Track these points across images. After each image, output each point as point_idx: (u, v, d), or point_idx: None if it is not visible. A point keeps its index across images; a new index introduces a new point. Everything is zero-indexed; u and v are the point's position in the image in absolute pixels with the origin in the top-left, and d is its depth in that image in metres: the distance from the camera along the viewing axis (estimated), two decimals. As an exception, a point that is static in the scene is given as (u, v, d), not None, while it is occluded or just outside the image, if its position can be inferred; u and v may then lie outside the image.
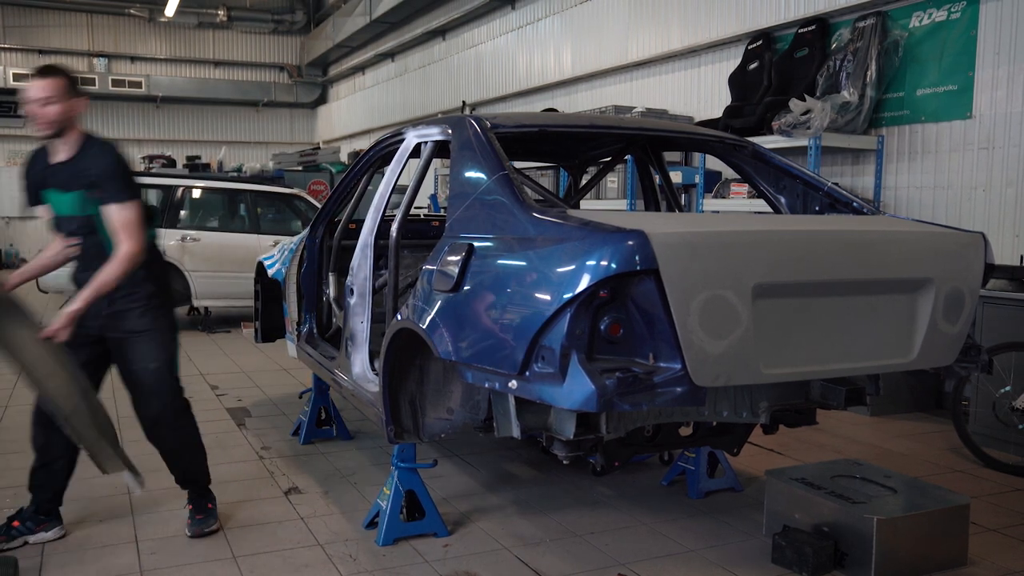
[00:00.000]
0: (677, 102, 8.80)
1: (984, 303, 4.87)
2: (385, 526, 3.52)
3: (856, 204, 3.58)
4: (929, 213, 6.20)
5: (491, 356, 2.68)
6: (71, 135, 3.28)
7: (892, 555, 3.22)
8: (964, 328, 3.07)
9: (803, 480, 3.56)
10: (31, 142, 15.44)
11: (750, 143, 3.98)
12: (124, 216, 3.22)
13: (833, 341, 2.81)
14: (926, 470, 4.63)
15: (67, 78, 3.25)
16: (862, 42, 6.46)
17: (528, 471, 4.55)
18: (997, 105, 5.79)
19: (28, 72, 3.30)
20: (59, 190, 3.29)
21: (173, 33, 20.55)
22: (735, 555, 3.48)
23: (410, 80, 16.11)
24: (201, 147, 19.90)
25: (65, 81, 3.24)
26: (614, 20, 9.88)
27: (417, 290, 3.12)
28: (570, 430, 2.71)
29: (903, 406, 5.93)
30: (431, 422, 3.33)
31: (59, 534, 3.58)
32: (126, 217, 3.22)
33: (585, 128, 4.01)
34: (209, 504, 3.66)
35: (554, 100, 11.17)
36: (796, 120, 6.30)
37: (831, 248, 2.78)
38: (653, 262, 2.39)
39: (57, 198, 3.30)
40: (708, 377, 2.51)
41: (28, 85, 3.19)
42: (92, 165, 3.24)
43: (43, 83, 3.18)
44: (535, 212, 2.77)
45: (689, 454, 4.18)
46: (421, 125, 3.75)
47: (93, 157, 3.27)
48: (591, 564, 3.38)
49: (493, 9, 12.80)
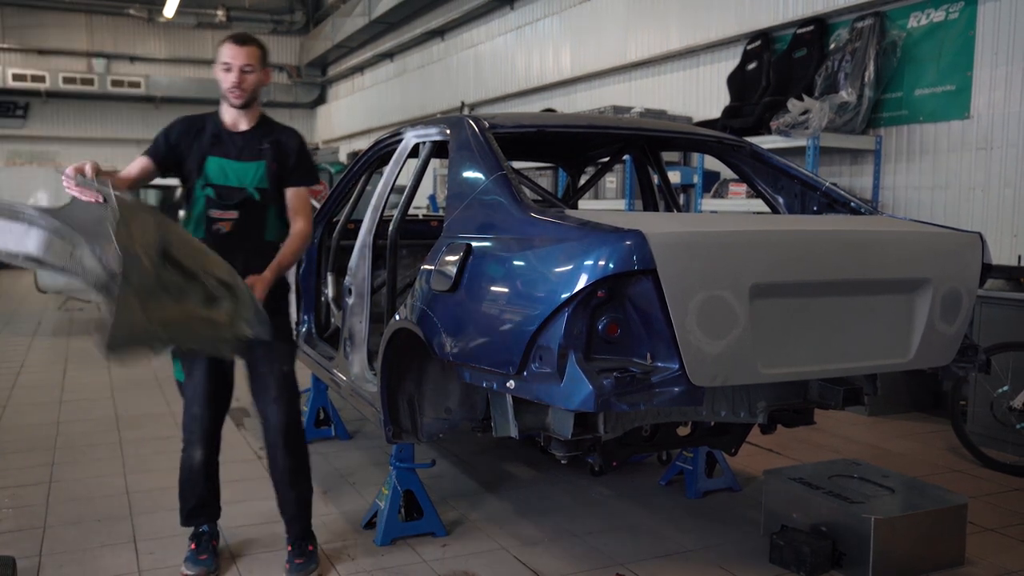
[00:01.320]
0: (676, 102, 8.81)
1: (982, 303, 4.88)
2: (383, 526, 3.53)
3: (854, 204, 3.59)
4: (927, 213, 6.20)
5: (489, 356, 2.69)
6: (254, 108, 3.24)
7: (890, 555, 3.22)
8: (962, 328, 3.07)
9: (801, 480, 3.56)
10: (30, 142, 15.38)
11: (748, 143, 3.98)
12: (304, 196, 3.23)
13: (831, 341, 2.81)
14: (924, 470, 4.64)
15: (263, 48, 3.21)
16: (860, 42, 6.47)
17: (526, 471, 4.56)
18: (995, 105, 5.80)
19: (226, 36, 3.21)
20: (233, 159, 3.18)
21: (172, 33, 20.55)
22: (733, 555, 3.49)
23: (409, 80, 16.11)
24: (200, 147, 19.89)
25: (262, 51, 3.20)
26: (613, 20, 9.88)
27: (415, 290, 3.13)
28: (568, 430, 2.72)
29: (901, 406, 5.93)
30: (429, 422, 3.34)
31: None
32: (305, 198, 3.24)
33: (583, 128, 4.01)
34: (311, 546, 3.30)
35: (553, 100, 11.17)
36: (794, 120, 6.31)
37: (829, 248, 2.79)
38: (651, 262, 2.39)
39: (229, 166, 3.17)
40: (706, 377, 2.51)
41: (233, 50, 3.12)
42: (285, 142, 3.23)
43: (247, 50, 3.13)
44: (533, 212, 2.77)
45: (687, 454, 4.19)
46: (420, 125, 3.76)
47: (284, 134, 3.26)
48: (589, 564, 3.39)
49: (492, 9, 12.80)
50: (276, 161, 3.20)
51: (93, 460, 4.69)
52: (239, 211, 3.17)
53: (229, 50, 3.14)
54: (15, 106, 19.47)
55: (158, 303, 2.56)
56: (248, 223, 3.19)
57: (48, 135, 19.81)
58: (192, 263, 2.71)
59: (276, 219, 3.24)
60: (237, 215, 3.17)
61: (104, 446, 4.95)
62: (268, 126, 3.28)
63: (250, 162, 3.18)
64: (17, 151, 19.72)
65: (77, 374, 6.98)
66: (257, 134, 3.22)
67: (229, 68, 3.13)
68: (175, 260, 2.65)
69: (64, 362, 7.45)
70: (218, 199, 3.17)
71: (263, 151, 3.19)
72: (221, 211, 3.17)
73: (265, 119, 3.29)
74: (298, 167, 3.24)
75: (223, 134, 3.21)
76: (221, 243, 3.10)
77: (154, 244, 2.61)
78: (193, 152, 3.19)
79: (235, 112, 3.21)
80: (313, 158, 3.37)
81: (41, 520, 3.78)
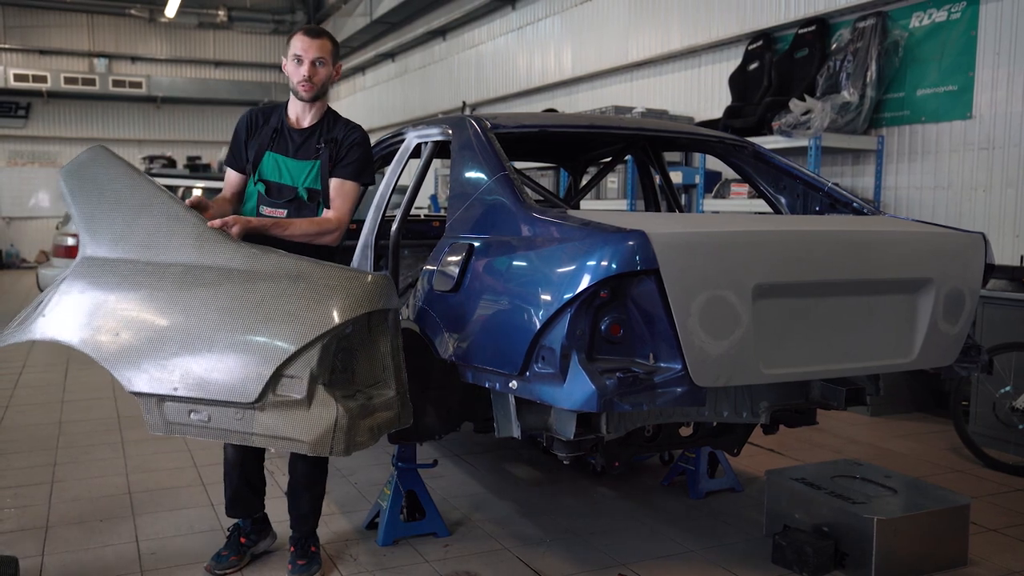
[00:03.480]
0: (677, 102, 8.80)
1: (984, 303, 4.88)
2: (385, 526, 3.52)
3: (856, 204, 3.58)
4: (929, 213, 6.20)
5: (491, 356, 2.69)
6: (322, 102, 3.19)
7: (892, 555, 3.22)
8: (964, 328, 3.07)
9: (803, 480, 3.56)
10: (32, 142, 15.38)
11: (750, 143, 3.98)
12: (348, 191, 3.12)
13: (833, 341, 2.81)
14: (926, 470, 4.63)
15: (335, 42, 3.15)
16: (862, 42, 6.46)
17: (528, 471, 4.55)
18: (997, 105, 5.79)
19: (302, 30, 3.13)
20: (290, 156, 3.13)
21: (173, 33, 20.55)
22: (735, 555, 3.48)
23: (410, 80, 16.11)
24: (202, 147, 19.92)
25: (334, 45, 3.15)
26: (614, 20, 9.88)
27: (417, 290, 3.13)
28: (570, 430, 2.72)
29: (903, 406, 5.92)
30: (431, 422, 3.33)
31: (275, 540, 3.48)
32: (348, 193, 3.12)
33: (585, 128, 4.01)
34: (313, 547, 3.29)
35: (554, 100, 11.17)
36: (796, 120, 6.30)
37: (831, 248, 2.79)
38: (654, 262, 2.39)
39: (285, 163, 3.13)
40: (708, 377, 2.51)
41: (305, 42, 3.05)
42: (342, 138, 3.14)
43: (320, 43, 3.06)
44: (535, 212, 2.77)
45: (689, 454, 4.18)
46: (421, 125, 3.76)
47: (343, 130, 3.17)
48: (592, 564, 3.39)
49: (493, 9, 12.80)
50: (332, 160, 3.13)
51: (95, 460, 4.69)
52: (288, 210, 3.12)
53: (301, 42, 3.07)
54: (16, 106, 19.47)
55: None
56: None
57: (49, 135, 19.81)
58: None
59: None
60: (286, 213, 3.12)
61: (106, 446, 4.96)
62: (330, 123, 3.19)
63: (305, 161, 3.13)
64: (18, 151, 19.72)
65: (79, 374, 6.99)
66: (317, 131, 3.16)
67: (300, 60, 3.07)
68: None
69: (66, 362, 7.46)
70: (268, 195, 3.13)
71: (319, 151, 3.13)
72: (271, 208, 3.12)
73: (329, 114, 3.22)
74: (348, 159, 3.14)
75: (284, 129, 3.16)
76: (269, 242, 3.07)
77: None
78: (252, 145, 3.17)
79: (300, 106, 3.16)
80: (371, 155, 3.27)
81: (43, 520, 3.78)
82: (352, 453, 2.66)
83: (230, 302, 2.64)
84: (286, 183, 3.12)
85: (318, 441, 2.57)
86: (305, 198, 3.12)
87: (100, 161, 2.89)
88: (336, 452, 2.59)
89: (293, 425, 2.59)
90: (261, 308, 2.61)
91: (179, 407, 2.71)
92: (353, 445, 2.61)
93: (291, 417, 2.59)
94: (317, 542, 3.33)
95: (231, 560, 3.27)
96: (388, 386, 2.78)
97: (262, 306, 2.61)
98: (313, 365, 2.54)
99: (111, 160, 2.88)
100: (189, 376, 2.64)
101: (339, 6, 18.38)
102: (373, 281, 2.60)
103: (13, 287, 14.46)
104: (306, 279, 2.62)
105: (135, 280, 2.77)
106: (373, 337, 2.73)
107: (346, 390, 2.70)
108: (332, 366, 2.64)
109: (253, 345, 2.59)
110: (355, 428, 2.59)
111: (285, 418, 2.60)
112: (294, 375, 2.57)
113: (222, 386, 2.61)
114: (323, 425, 2.56)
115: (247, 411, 2.62)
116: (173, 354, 2.66)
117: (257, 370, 2.57)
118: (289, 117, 3.19)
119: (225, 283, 2.68)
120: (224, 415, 2.66)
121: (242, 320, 2.61)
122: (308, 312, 2.56)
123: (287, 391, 2.58)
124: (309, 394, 2.56)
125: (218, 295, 2.66)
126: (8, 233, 19.46)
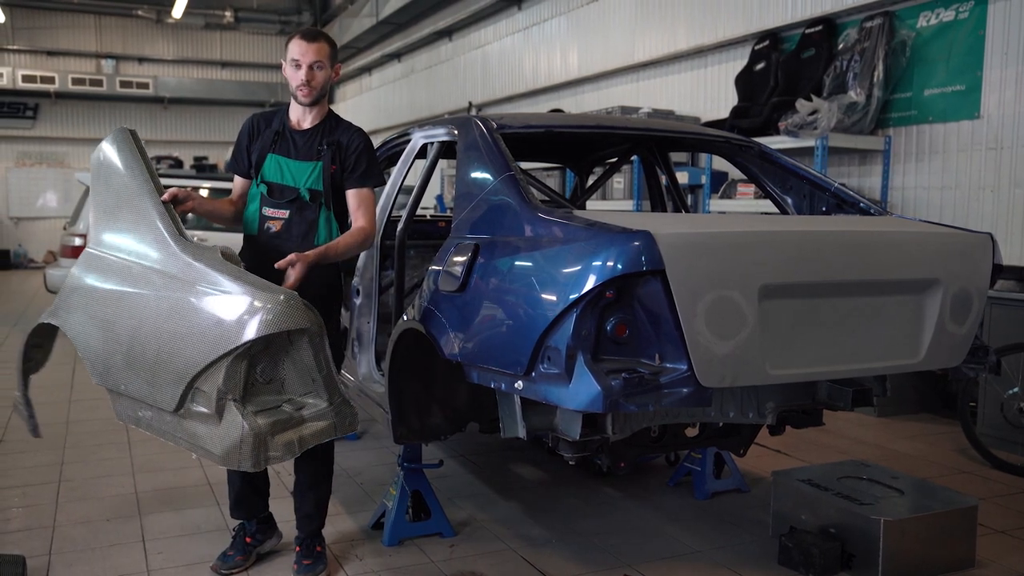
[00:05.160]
0: (683, 102, 8.79)
1: (992, 304, 4.85)
2: (391, 526, 3.53)
3: (863, 205, 3.57)
4: (937, 214, 6.18)
5: (497, 357, 2.68)
6: (322, 105, 3.20)
7: (899, 557, 3.21)
8: (972, 329, 3.06)
9: (810, 481, 3.55)
10: (40, 143, 15.43)
11: (756, 143, 3.97)
12: (365, 197, 3.15)
13: (840, 342, 2.80)
14: (933, 471, 4.62)
15: (333, 44, 3.16)
16: (869, 42, 6.44)
17: (534, 472, 4.55)
18: (1005, 105, 5.77)
19: (297, 32, 3.12)
20: (292, 157, 3.14)
21: (180, 34, 20.60)
22: (741, 556, 3.48)
23: (416, 81, 16.12)
24: (208, 148, 19.95)
25: (332, 47, 3.14)
26: (620, 21, 9.87)
27: (423, 290, 3.13)
28: (576, 431, 2.71)
29: (910, 407, 5.91)
30: (437, 423, 3.34)
31: (281, 539, 3.49)
32: (366, 199, 3.15)
33: (591, 129, 4.01)
34: (319, 547, 3.31)
35: (560, 101, 11.17)
36: (803, 120, 6.29)
37: (838, 249, 2.78)
38: (659, 263, 2.39)
39: (287, 164, 3.13)
40: (714, 378, 2.50)
41: (302, 46, 3.04)
42: (347, 142, 3.14)
43: (317, 46, 3.06)
44: (541, 212, 2.77)
45: (695, 455, 4.18)
46: (427, 126, 3.76)
47: (347, 134, 3.17)
48: (597, 565, 3.38)
49: (499, 10, 12.80)
50: (335, 162, 3.14)
51: (102, 460, 4.71)
52: (290, 210, 3.13)
53: (298, 47, 3.07)
54: (25, 107, 19.54)
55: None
56: (298, 224, 3.12)
57: (57, 136, 19.87)
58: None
59: (328, 223, 3.16)
60: (287, 215, 3.13)
61: (113, 446, 4.97)
62: (332, 125, 3.20)
63: (307, 162, 3.13)
64: (27, 152, 19.79)
65: (86, 374, 6.98)
66: (318, 133, 3.16)
67: (298, 65, 3.07)
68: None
69: (73, 362, 7.47)
70: (270, 196, 3.13)
71: (321, 152, 3.13)
72: (273, 209, 3.13)
73: (331, 116, 3.23)
74: (357, 167, 3.15)
75: (286, 131, 3.17)
76: (271, 243, 3.11)
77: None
78: (256, 148, 3.18)
79: (301, 109, 3.17)
80: (376, 157, 3.29)
81: (50, 519, 3.80)
82: (264, 468, 2.69)
83: (164, 310, 2.69)
84: (288, 184, 3.13)
85: (226, 455, 2.61)
86: (307, 199, 3.12)
87: (116, 145, 2.97)
88: (244, 467, 2.61)
89: (207, 437, 2.65)
90: (179, 320, 2.65)
91: (129, 403, 2.85)
92: (264, 460, 2.62)
93: (206, 428, 2.65)
94: (323, 542, 3.34)
95: (237, 560, 3.28)
96: (319, 396, 2.78)
97: (180, 318, 2.65)
98: (219, 381, 2.57)
99: (123, 146, 2.94)
100: (130, 379, 2.76)
101: (345, 7, 18.39)
102: (284, 302, 2.56)
103: (20, 287, 14.52)
104: (224, 294, 2.61)
105: (108, 276, 2.87)
106: (296, 349, 2.71)
107: (265, 403, 2.71)
108: (248, 380, 2.65)
109: (172, 356, 2.64)
110: (263, 445, 2.60)
111: (201, 429, 2.67)
112: (204, 390, 2.61)
113: (151, 393, 2.72)
114: (230, 440, 2.60)
115: (174, 416, 2.71)
116: (121, 356, 2.78)
117: (174, 383, 2.64)
118: (291, 119, 3.20)
119: (162, 290, 2.72)
120: (160, 417, 2.77)
121: (166, 330, 2.67)
122: (213, 329, 2.57)
123: (200, 405, 2.64)
124: (218, 409, 2.60)
125: (158, 301, 2.72)
126: (16, 233, 19.53)
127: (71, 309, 2.98)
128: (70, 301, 2.99)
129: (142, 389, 2.75)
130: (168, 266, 2.75)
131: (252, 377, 2.68)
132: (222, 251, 2.76)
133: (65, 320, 2.99)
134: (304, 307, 2.60)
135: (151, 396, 2.73)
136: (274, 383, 2.76)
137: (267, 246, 3.12)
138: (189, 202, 2.98)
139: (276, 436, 2.64)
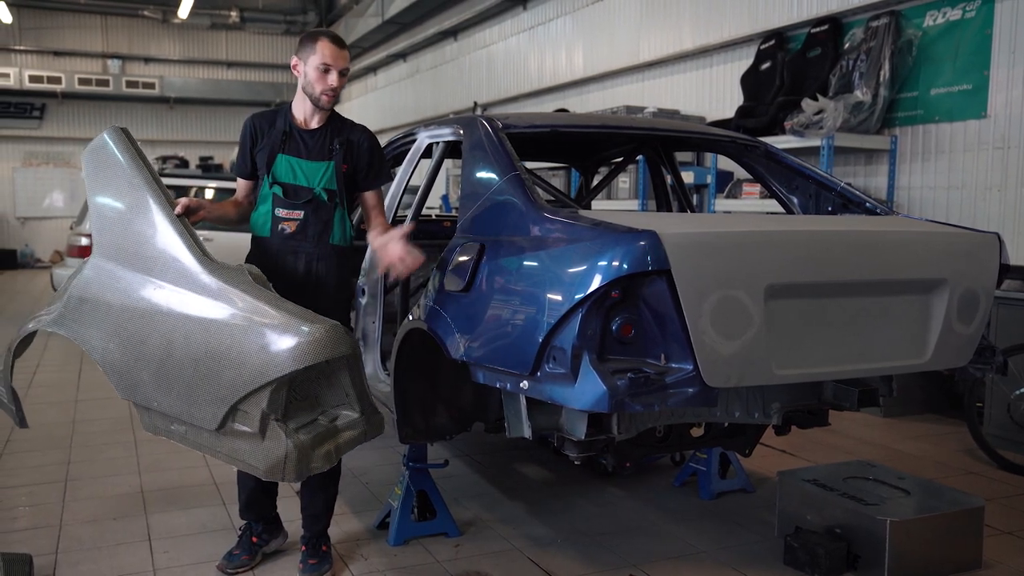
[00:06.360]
0: (689, 102, 8.78)
1: (999, 304, 4.84)
2: (396, 526, 3.53)
3: (869, 204, 3.56)
4: (943, 213, 6.16)
5: (502, 356, 2.68)
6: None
7: (905, 557, 3.20)
8: (979, 329, 3.05)
9: (815, 481, 3.54)
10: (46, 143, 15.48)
11: (762, 143, 3.96)
12: (382, 196, 3.29)
13: (846, 342, 2.79)
14: (939, 472, 4.60)
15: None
16: (875, 41, 6.43)
17: (539, 472, 4.55)
18: (1012, 104, 5.75)
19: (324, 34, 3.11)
20: (303, 158, 3.12)
21: (186, 34, 20.65)
22: (747, 556, 3.47)
23: (422, 81, 16.13)
24: (214, 147, 20.00)
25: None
26: (625, 20, 9.86)
27: (428, 290, 3.13)
28: (581, 431, 2.71)
29: (916, 407, 5.89)
30: (442, 422, 3.34)
31: (287, 539, 3.50)
32: (382, 196, 3.30)
33: (596, 128, 4.00)
34: (324, 546, 3.31)
35: (566, 100, 11.16)
36: (809, 120, 6.27)
37: (844, 249, 2.77)
38: (665, 263, 2.39)
39: (299, 165, 3.11)
40: (720, 378, 2.50)
41: (334, 51, 3.04)
42: (358, 142, 3.17)
43: (345, 53, 3.07)
44: (546, 212, 2.77)
45: (701, 455, 4.17)
46: (433, 125, 3.76)
47: (356, 133, 3.19)
48: (602, 565, 3.38)
49: (505, 10, 12.79)
50: (347, 162, 3.14)
51: (108, 459, 4.72)
52: (305, 211, 3.12)
53: (330, 51, 3.04)
54: (31, 107, 19.61)
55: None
56: (313, 224, 3.11)
57: (64, 136, 19.94)
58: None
59: (342, 221, 3.16)
60: (302, 215, 3.11)
61: (119, 445, 4.99)
62: (338, 123, 3.20)
63: (320, 162, 3.12)
64: (33, 152, 19.87)
65: (93, 374, 7.02)
66: (327, 132, 3.15)
67: (328, 69, 3.04)
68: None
69: (80, 361, 7.50)
70: (285, 198, 3.11)
71: (333, 151, 3.13)
72: (287, 210, 3.11)
73: (336, 116, 3.22)
74: (372, 167, 3.19)
75: (294, 131, 3.14)
76: (286, 245, 3.11)
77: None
78: (261, 149, 3.15)
79: (308, 110, 3.14)
80: (384, 153, 3.34)
81: (57, 518, 3.81)
82: (306, 478, 2.80)
83: (199, 332, 2.73)
84: (302, 184, 3.11)
85: (270, 469, 2.69)
86: (324, 199, 3.12)
87: (112, 147, 2.96)
88: (288, 479, 2.71)
89: (250, 453, 2.72)
90: (218, 343, 2.70)
91: (160, 417, 2.91)
92: (306, 472, 2.72)
93: (248, 445, 2.72)
94: (328, 541, 3.34)
95: (243, 559, 3.28)
96: (352, 408, 2.89)
97: (219, 342, 2.69)
98: (264, 404, 2.64)
99: (122, 148, 2.94)
100: (164, 397, 2.81)
101: (351, 7, 18.42)
102: (325, 333, 2.61)
103: (27, 287, 14.56)
104: (267, 321, 2.66)
105: (129, 294, 2.89)
106: (333, 371, 2.81)
107: (304, 418, 2.80)
108: (287, 400, 2.73)
109: (211, 378, 2.70)
110: (306, 458, 2.70)
111: (243, 445, 2.73)
112: (247, 411, 2.68)
113: (187, 411, 2.77)
114: (275, 456, 2.67)
115: (213, 433, 2.77)
116: (150, 374, 2.83)
117: (214, 403, 2.70)
118: (296, 119, 3.17)
119: (195, 311, 2.76)
120: (197, 432, 2.82)
121: (205, 352, 2.71)
122: (258, 355, 2.62)
123: (242, 424, 2.70)
124: (261, 428, 2.67)
125: (192, 323, 2.75)
126: (23, 233, 19.61)
127: (84, 323, 3.00)
128: (81, 313, 3.00)
129: (176, 406, 2.80)
130: (198, 288, 2.77)
131: (291, 396, 2.76)
132: (249, 271, 2.80)
133: (76, 332, 3.02)
134: (345, 334, 2.68)
135: (187, 414, 2.78)
136: (309, 399, 2.86)
137: (282, 248, 3.11)
138: (200, 211, 3.03)
139: (316, 449, 2.74)
